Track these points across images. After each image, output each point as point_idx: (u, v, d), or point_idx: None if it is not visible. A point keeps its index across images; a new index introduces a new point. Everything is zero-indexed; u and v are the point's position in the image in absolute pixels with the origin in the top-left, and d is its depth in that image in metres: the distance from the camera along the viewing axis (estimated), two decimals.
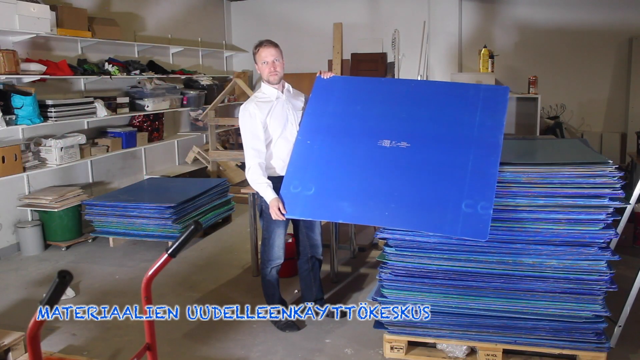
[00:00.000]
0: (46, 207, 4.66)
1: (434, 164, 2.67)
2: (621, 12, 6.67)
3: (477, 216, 2.46)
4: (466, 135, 2.71)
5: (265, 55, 3.00)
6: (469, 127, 2.73)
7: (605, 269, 2.52)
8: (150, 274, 1.97)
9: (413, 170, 2.68)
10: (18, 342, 2.84)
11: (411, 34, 7.46)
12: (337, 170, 2.82)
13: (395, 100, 2.99)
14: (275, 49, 3.03)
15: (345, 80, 3.21)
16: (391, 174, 2.71)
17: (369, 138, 2.85)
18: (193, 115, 7.20)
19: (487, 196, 2.49)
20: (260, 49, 3.03)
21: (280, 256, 3.14)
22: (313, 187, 2.81)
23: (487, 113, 2.76)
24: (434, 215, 2.54)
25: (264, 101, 3.04)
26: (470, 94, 2.87)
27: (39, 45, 4.94)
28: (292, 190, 2.85)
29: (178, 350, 3.00)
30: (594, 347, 2.60)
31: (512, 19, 7.10)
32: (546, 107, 6.85)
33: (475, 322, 2.70)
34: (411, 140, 2.78)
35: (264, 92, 3.09)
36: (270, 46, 3.02)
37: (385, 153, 2.78)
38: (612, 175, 2.50)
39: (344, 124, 2.97)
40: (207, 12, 7.88)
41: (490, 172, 2.54)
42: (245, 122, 3.00)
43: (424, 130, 2.81)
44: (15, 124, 4.42)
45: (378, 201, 2.66)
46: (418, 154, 2.73)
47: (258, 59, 3.05)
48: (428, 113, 2.87)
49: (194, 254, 4.67)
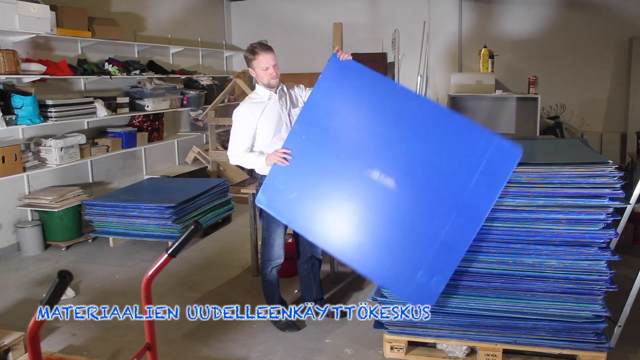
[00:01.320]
0: (46, 207, 4.66)
1: (411, 221, 2.59)
2: (621, 12, 6.67)
3: (428, 288, 2.51)
4: (454, 197, 2.52)
5: (265, 61, 2.97)
6: (460, 188, 2.51)
7: (605, 269, 2.52)
8: (150, 274, 1.97)
9: (389, 219, 2.63)
10: (18, 342, 2.84)
11: (411, 34, 7.45)
12: (320, 187, 2.75)
13: (402, 119, 2.69)
14: (273, 53, 3.01)
15: (359, 72, 2.80)
16: (368, 212, 2.68)
17: (361, 162, 2.69)
18: (193, 115, 7.20)
19: (445, 272, 2.50)
20: (258, 56, 2.97)
21: (281, 256, 3.15)
22: (295, 191, 2.78)
23: (486, 177, 2.50)
24: (391, 271, 2.59)
25: (257, 102, 3.06)
26: (479, 144, 2.54)
27: (39, 45, 4.94)
28: (276, 185, 2.82)
29: (178, 350, 3.00)
30: (594, 347, 2.60)
31: (512, 19, 7.10)
32: (546, 107, 6.85)
33: (475, 322, 2.70)
34: (400, 179, 2.62)
35: (258, 93, 3.11)
36: (269, 52, 2.98)
37: (370, 188, 2.66)
38: (612, 175, 2.50)
39: (341, 132, 2.79)
40: (207, 12, 7.88)
41: (459, 248, 2.49)
42: (236, 123, 3.06)
43: (416, 173, 2.62)
44: (15, 124, 4.42)
45: (349, 233, 2.69)
46: (400, 202, 2.62)
47: (256, 65, 3.00)
48: (428, 152, 2.61)
49: (194, 254, 4.67)
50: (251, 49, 3.00)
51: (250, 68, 3.05)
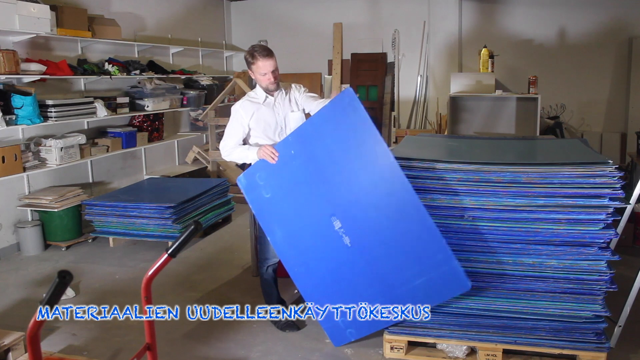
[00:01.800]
0: (46, 207, 4.66)
1: (349, 279, 2.76)
2: (621, 12, 6.67)
3: (343, 333, 2.88)
4: (392, 284, 2.61)
5: (264, 67, 2.97)
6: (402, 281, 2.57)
7: (605, 269, 2.52)
8: (150, 274, 1.97)
9: (334, 266, 2.79)
10: (18, 342, 2.84)
11: (411, 34, 7.47)
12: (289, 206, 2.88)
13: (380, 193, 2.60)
14: (273, 59, 2.99)
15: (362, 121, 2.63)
16: (319, 250, 2.82)
17: (330, 206, 2.72)
18: (193, 115, 7.20)
19: (360, 330, 2.82)
20: (257, 62, 2.96)
21: (276, 255, 3.14)
22: (270, 194, 2.94)
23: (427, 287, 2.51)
24: (320, 302, 2.89)
25: (253, 102, 3.11)
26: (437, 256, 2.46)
27: (39, 45, 4.94)
28: (257, 178, 2.97)
29: (178, 350, 3.00)
30: (594, 347, 2.60)
31: (512, 19, 7.10)
32: (546, 107, 6.85)
33: (475, 322, 2.70)
34: (354, 243, 2.68)
35: (256, 94, 3.15)
36: (268, 57, 2.96)
37: (328, 232, 2.74)
38: (612, 175, 2.50)
39: (325, 168, 2.74)
40: (207, 12, 7.88)
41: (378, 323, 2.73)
42: (230, 118, 3.14)
43: (372, 248, 2.63)
44: (15, 124, 4.42)
45: (297, 257, 2.92)
46: (346, 259, 2.72)
47: (255, 70, 3.00)
48: (390, 234, 2.57)
49: (194, 254, 4.67)
50: (251, 53, 2.99)
51: (249, 71, 3.07)
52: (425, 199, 2.68)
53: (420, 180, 2.69)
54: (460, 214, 2.65)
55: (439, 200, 2.67)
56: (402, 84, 7.59)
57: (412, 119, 7.61)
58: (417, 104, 7.56)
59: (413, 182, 2.69)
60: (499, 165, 2.63)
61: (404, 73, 7.60)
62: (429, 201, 2.67)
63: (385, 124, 7.62)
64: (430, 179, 2.68)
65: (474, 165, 2.65)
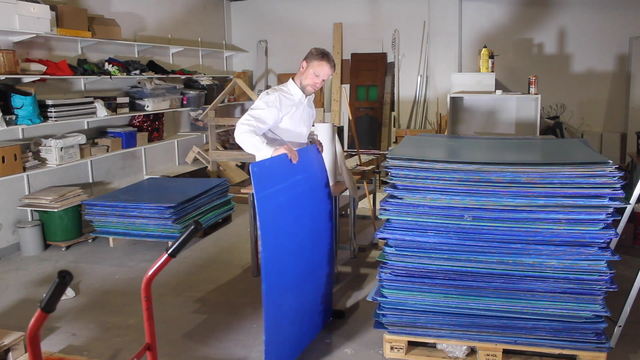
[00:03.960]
0: (46, 207, 4.66)
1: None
2: (621, 12, 6.67)
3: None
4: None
5: (322, 72, 3.03)
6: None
7: (605, 269, 2.52)
8: (150, 274, 1.97)
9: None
10: (18, 342, 2.84)
11: (411, 34, 7.47)
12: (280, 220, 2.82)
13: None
14: (333, 71, 3.09)
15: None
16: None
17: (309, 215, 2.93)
18: (193, 115, 7.20)
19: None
20: (322, 64, 3.01)
21: None
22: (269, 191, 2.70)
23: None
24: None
25: (288, 99, 3.10)
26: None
27: (39, 45, 4.94)
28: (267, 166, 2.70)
29: (178, 350, 3.00)
30: (594, 347, 2.60)
31: (512, 19, 7.10)
32: (546, 107, 6.85)
33: (475, 322, 2.70)
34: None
35: (290, 91, 3.13)
36: (332, 68, 3.04)
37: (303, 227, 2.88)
38: (612, 175, 2.50)
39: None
40: (207, 12, 7.88)
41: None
42: (262, 104, 2.98)
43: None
44: (15, 124, 4.42)
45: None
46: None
47: (314, 67, 3.02)
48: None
49: (194, 254, 4.67)
50: (322, 54, 3.04)
51: (306, 62, 3.06)
52: (425, 199, 2.68)
53: (420, 180, 2.69)
54: (460, 214, 2.65)
55: (439, 200, 2.66)
56: (402, 84, 7.59)
57: (412, 119, 7.62)
58: (417, 104, 7.57)
59: (413, 182, 2.70)
60: (499, 165, 2.63)
61: (404, 73, 7.60)
62: (429, 201, 2.67)
63: (385, 124, 7.63)
64: (430, 179, 2.68)
65: (474, 165, 2.65)
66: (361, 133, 7.45)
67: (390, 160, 2.74)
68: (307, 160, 2.99)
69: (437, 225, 2.68)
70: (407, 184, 2.71)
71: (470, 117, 5.43)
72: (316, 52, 3.04)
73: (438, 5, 7.26)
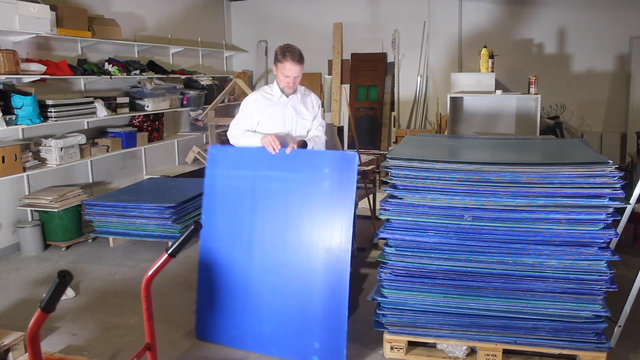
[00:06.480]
0: (46, 207, 4.66)
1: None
2: (621, 12, 6.67)
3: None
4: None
5: (288, 71, 2.99)
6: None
7: (605, 269, 2.52)
8: (150, 274, 1.97)
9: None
10: (18, 342, 2.84)
11: (411, 34, 7.47)
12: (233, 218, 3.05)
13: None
14: (300, 67, 3.00)
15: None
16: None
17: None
18: (193, 115, 7.20)
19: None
20: (285, 63, 2.97)
21: None
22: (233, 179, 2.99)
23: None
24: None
25: (267, 97, 3.12)
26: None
27: (39, 45, 4.94)
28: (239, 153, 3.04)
29: (178, 350, 3.00)
30: (594, 347, 2.60)
31: (512, 19, 7.10)
32: (546, 107, 6.85)
33: (475, 322, 2.70)
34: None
35: (271, 90, 3.16)
36: (297, 63, 2.98)
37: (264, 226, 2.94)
38: (612, 175, 2.50)
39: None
40: (207, 12, 7.88)
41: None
42: (242, 107, 3.18)
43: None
44: (15, 124, 4.42)
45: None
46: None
47: (280, 68, 3.01)
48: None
49: (194, 254, 4.66)
50: (283, 52, 2.99)
51: (274, 66, 3.07)
52: (425, 199, 2.68)
53: (420, 180, 2.69)
54: (460, 214, 2.65)
55: (439, 200, 2.66)
56: (402, 84, 7.59)
57: (412, 119, 7.62)
58: (417, 104, 7.57)
59: (413, 182, 2.70)
60: (499, 165, 2.63)
61: (404, 73, 7.60)
62: (429, 201, 2.67)
63: (385, 124, 7.63)
64: (430, 179, 2.68)
65: (474, 165, 2.65)
66: (361, 133, 7.45)
67: (390, 160, 2.74)
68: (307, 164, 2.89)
69: (437, 225, 2.68)
70: (407, 184, 2.71)
71: (470, 117, 5.43)
72: (278, 52, 3.02)
73: (438, 5, 7.26)
